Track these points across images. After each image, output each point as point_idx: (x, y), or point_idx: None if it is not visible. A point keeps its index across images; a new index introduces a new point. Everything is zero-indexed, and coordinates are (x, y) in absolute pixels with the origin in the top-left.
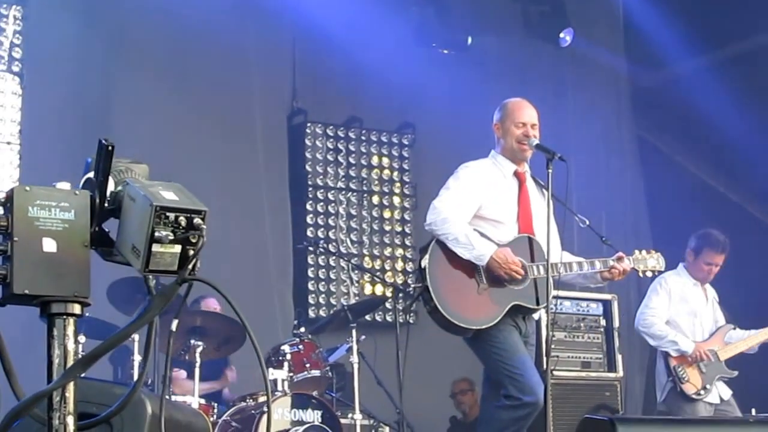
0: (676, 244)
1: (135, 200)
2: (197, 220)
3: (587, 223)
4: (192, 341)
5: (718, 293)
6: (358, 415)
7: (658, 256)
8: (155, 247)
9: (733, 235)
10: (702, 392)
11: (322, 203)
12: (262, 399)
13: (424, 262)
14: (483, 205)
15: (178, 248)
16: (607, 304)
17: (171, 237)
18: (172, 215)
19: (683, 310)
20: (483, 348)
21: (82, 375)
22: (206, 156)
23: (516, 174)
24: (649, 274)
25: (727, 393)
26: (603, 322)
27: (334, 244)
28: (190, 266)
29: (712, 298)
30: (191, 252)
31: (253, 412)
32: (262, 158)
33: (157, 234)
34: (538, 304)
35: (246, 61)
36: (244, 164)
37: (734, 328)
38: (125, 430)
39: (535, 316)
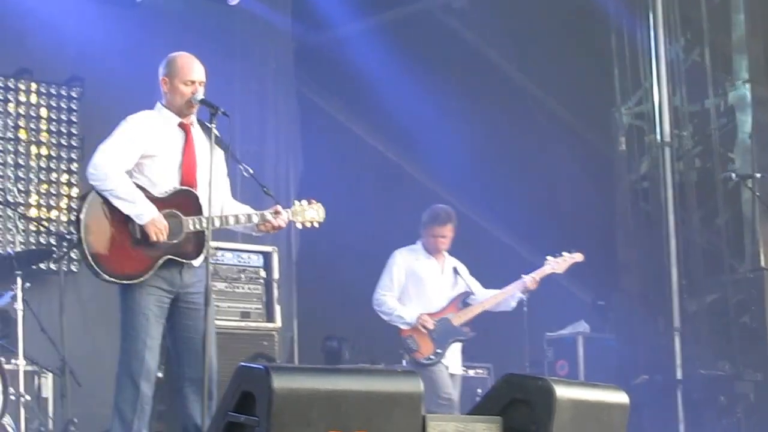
0: (326, 201)
1: None
2: None
3: (251, 172)
4: None
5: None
6: (21, 361)
7: (318, 206)
8: None
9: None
10: (433, 357)
11: None
12: None
13: (81, 214)
14: (146, 153)
15: None
16: (267, 256)
17: None
18: None
19: (413, 283)
20: (121, 306)
21: None
22: None
23: (181, 125)
24: (308, 225)
25: (457, 368)
26: (263, 274)
27: (1, 192)
28: None
29: (452, 269)
30: None
31: None
32: None
33: None
34: (195, 257)
35: None
36: None
37: (472, 294)
38: None
39: (196, 263)
